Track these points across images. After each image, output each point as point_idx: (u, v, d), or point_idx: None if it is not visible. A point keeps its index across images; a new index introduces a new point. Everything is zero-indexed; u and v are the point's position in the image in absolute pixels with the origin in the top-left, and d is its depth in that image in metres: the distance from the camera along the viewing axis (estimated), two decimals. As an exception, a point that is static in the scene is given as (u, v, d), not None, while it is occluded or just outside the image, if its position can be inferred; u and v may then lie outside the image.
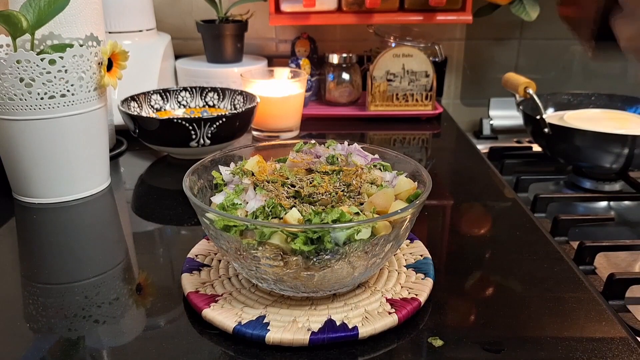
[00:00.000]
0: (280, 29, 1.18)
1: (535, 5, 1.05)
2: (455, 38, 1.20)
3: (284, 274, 0.43)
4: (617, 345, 0.43)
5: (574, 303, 0.48)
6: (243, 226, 0.42)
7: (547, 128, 0.88)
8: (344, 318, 0.44)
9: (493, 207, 0.69)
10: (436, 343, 0.43)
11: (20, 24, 0.61)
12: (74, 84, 0.65)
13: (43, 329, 0.46)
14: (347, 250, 0.42)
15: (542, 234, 0.61)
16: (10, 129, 0.65)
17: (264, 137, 0.95)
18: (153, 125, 0.77)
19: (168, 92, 0.91)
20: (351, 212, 0.44)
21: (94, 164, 0.71)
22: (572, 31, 0.51)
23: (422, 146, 0.95)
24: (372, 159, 0.54)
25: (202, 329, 0.45)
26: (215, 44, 1.04)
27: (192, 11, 1.16)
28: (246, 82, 0.92)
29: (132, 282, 0.53)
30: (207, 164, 0.53)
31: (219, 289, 0.48)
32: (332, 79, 1.06)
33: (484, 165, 0.82)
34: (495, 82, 1.19)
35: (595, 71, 1.22)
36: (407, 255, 0.54)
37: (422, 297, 0.47)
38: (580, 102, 1.04)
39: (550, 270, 0.54)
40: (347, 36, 1.18)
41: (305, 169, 0.51)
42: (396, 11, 1.01)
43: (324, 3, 0.99)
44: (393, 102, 1.02)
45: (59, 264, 0.56)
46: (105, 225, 0.66)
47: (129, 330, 0.46)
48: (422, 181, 0.50)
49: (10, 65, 0.62)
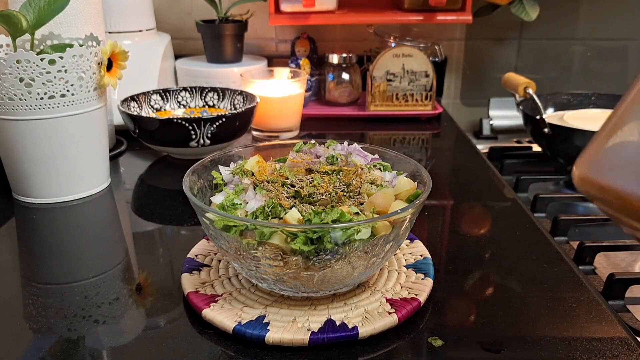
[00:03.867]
0: (280, 29, 1.18)
1: (535, 5, 1.05)
2: (455, 38, 1.20)
3: (284, 274, 0.43)
4: (617, 345, 0.43)
5: (573, 303, 0.48)
6: (243, 226, 0.42)
7: (547, 128, 0.88)
8: (344, 318, 0.44)
9: (493, 207, 0.69)
10: (436, 343, 0.43)
11: (20, 24, 0.61)
12: (73, 84, 0.65)
13: (43, 329, 0.46)
14: (347, 250, 0.42)
15: (542, 234, 0.61)
16: (10, 129, 0.65)
17: (264, 137, 0.95)
18: (153, 125, 0.77)
19: (168, 92, 0.91)
20: (351, 212, 0.44)
21: (94, 164, 0.71)
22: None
23: (422, 146, 0.95)
24: (372, 159, 0.54)
25: (202, 329, 0.45)
26: (215, 44, 1.04)
27: (192, 11, 1.16)
28: (246, 82, 0.92)
29: (132, 282, 0.53)
30: (207, 164, 0.53)
31: (219, 289, 0.48)
32: (332, 79, 1.06)
33: (484, 165, 0.82)
34: (495, 82, 1.19)
35: (595, 71, 1.22)
36: (407, 255, 0.54)
37: (422, 297, 0.47)
38: (580, 102, 1.04)
39: (550, 270, 0.54)
40: (347, 36, 1.18)
41: (305, 169, 0.51)
42: (404, 11, 1.01)
43: (324, 3, 0.99)
44: (393, 102, 1.01)
45: (59, 264, 0.56)
46: (105, 225, 0.66)
47: (129, 330, 0.46)
48: (422, 181, 0.50)
49: (10, 65, 0.62)
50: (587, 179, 0.36)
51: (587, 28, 1.19)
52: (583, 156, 0.37)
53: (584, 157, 0.37)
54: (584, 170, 0.36)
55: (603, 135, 0.36)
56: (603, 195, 0.35)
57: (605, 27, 1.19)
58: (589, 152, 0.37)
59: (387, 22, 1.03)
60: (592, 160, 0.36)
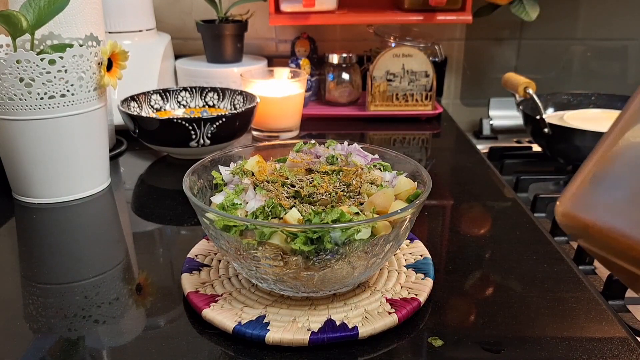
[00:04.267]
0: (280, 29, 1.18)
1: (535, 5, 1.05)
2: (455, 38, 1.20)
3: (284, 274, 0.43)
4: (617, 345, 0.43)
5: (573, 303, 0.48)
6: (243, 226, 0.42)
7: (547, 128, 0.88)
8: (344, 318, 0.44)
9: (493, 207, 0.69)
10: (436, 343, 0.43)
11: (20, 24, 0.61)
12: (73, 84, 0.65)
13: (43, 329, 0.46)
14: (347, 250, 0.42)
15: (542, 234, 0.61)
16: (10, 129, 0.65)
17: (264, 137, 0.95)
18: (153, 125, 0.77)
19: (168, 92, 0.91)
20: (351, 212, 0.44)
21: (94, 164, 0.71)
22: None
23: (422, 146, 0.95)
24: (372, 159, 0.54)
25: (202, 329, 0.45)
26: (215, 44, 1.04)
27: (192, 11, 1.16)
28: (246, 82, 0.92)
29: (132, 282, 0.53)
30: (207, 164, 0.53)
31: (219, 289, 0.48)
32: (332, 79, 1.06)
33: (484, 165, 0.82)
34: (495, 82, 1.19)
35: (595, 71, 1.22)
36: (407, 255, 0.54)
37: (422, 297, 0.47)
38: (580, 102, 1.04)
39: (550, 270, 0.54)
40: (347, 36, 1.18)
41: (305, 169, 0.51)
42: (404, 11, 1.01)
43: (324, 3, 0.99)
44: (393, 102, 1.01)
45: (59, 264, 0.56)
46: (105, 225, 0.66)
47: (129, 330, 0.46)
48: (422, 181, 0.50)
49: (10, 65, 0.62)
50: (570, 216, 0.36)
51: (587, 28, 1.19)
52: (566, 193, 0.37)
53: (566, 194, 0.37)
54: (567, 207, 0.36)
55: (586, 172, 0.36)
56: (586, 232, 0.35)
57: (605, 27, 1.19)
58: (572, 188, 0.37)
59: (387, 22, 1.04)
60: (575, 197, 0.36)
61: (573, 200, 0.36)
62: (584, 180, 0.36)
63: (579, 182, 0.36)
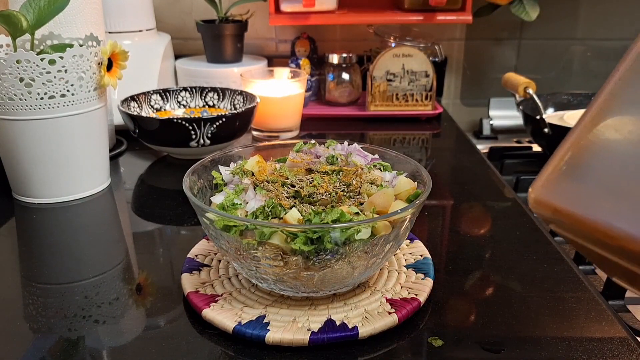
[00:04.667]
0: (280, 29, 1.18)
1: (535, 5, 1.05)
2: (455, 38, 1.20)
3: (284, 274, 0.43)
4: (617, 345, 0.43)
5: (573, 303, 0.48)
6: (243, 226, 0.42)
7: (547, 128, 0.88)
8: (344, 318, 0.44)
9: (493, 207, 0.69)
10: (436, 343, 0.43)
11: (20, 24, 0.61)
12: (73, 84, 0.65)
13: (43, 329, 0.46)
14: (347, 250, 0.42)
15: (542, 234, 0.61)
16: (10, 129, 0.65)
17: (264, 137, 0.95)
18: (153, 125, 0.77)
19: (168, 92, 0.91)
20: (351, 212, 0.44)
21: (94, 164, 0.71)
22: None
23: (422, 146, 0.95)
24: (372, 159, 0.54)
25: (202, 329, 0.45)
26: (215, 44, 1.04)
27: (192, 11, 1.16)
28: (246, 82, 0.92)
29: (132, 282, 0.53)
30: (207, 164, 0.53)
31: (219, 289, 0.48)
32: (332, 79, 1.06)
33: (484, 165, 0.82)
34: (495, 82, 1.19)
35: (595, 71, 1.22)
36: (407, 255, 0.54)
37: (422, 297, 0.47)
38: (580, 102, 1.04)
39: (550, 270, 0.54)
40: (347, 36, 1.18)
41: (305, 169, 0.51)
42: (404, 11, 1.01)
43: (324, 3, 0.99)
44: (393, 102, 1.01)
45: (59, 264, 0.56)
46: (105, 225, 0.66)
47: (129, 330, 0.46)
48: (422, 181, 0.50)
49: (10, 65, 0.62)
50: (541, 202, 0.36)
51: (587, 28, 1.19)
52: (538, 180, 0.37)
53: (539, 181, 0.37)
54: (540, 193, 0.37)
55: (558, 159, 0.37)
56: (557, 217, 0.36)
57: (605, 27, 1.19)
58: (544, 175, 0.37)
59: (387, 22, 1.04)
60: (548, 184, 0.36)
61: (546, 186, 0.37)
62: (555, 168, 0.36)
63: (551, 169, 0.37)
